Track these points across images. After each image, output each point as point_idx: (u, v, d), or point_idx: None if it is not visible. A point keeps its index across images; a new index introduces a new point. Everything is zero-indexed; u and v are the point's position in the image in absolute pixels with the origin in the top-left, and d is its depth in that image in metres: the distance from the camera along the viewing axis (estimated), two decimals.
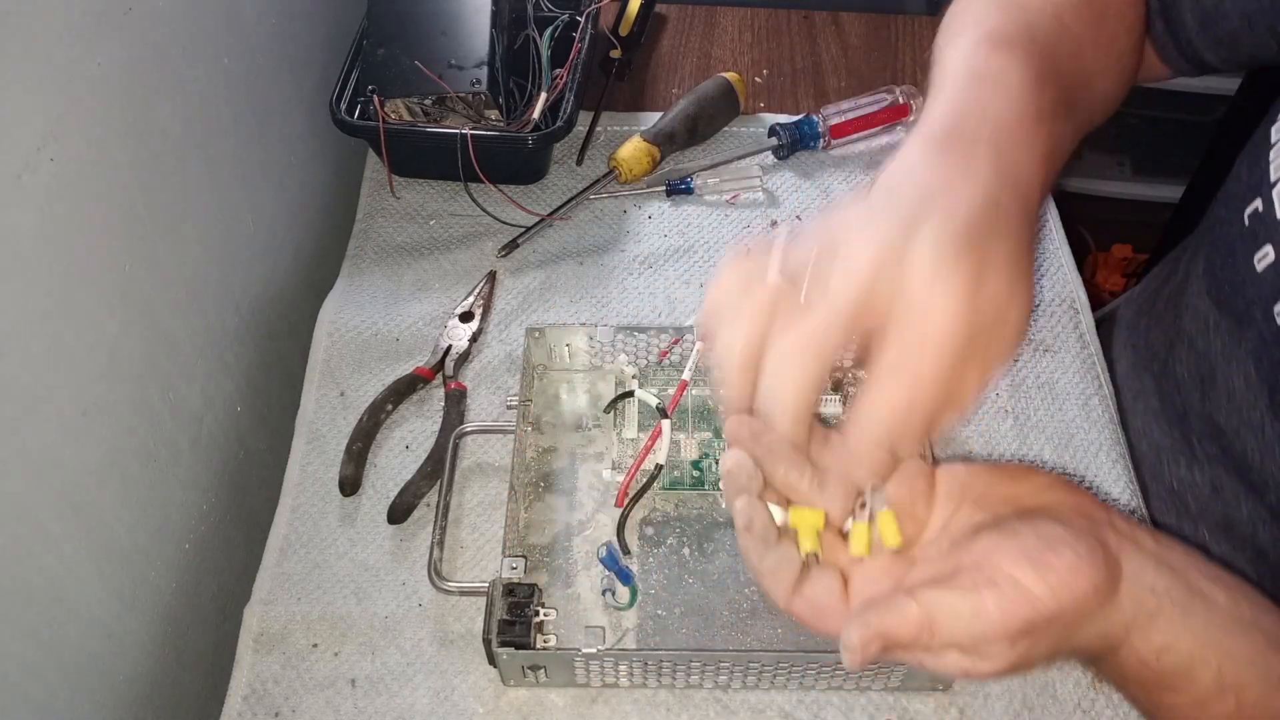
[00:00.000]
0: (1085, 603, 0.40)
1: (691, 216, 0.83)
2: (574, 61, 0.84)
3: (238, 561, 0.72)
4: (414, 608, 0.61)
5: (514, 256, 0.80)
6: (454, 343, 0.73)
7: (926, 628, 0.39)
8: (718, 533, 0.63)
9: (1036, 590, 0.39)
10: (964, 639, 0.39)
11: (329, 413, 0.70)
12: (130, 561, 0.61)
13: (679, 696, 0.58)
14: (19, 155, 0.48)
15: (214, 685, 0.62)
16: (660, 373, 0.70)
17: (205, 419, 0.69)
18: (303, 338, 0.76)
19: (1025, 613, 0.39)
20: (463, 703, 0.58)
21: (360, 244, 0.81)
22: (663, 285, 0.78)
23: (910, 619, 0.39)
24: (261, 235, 0.78)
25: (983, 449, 0.68)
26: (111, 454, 0.58)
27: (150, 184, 0.61)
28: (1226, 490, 0.62)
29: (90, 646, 0.57)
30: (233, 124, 0.72)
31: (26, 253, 0.50)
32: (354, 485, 0.66)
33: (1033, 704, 0.58)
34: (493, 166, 0.80)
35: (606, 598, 0.60)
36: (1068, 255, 0.80)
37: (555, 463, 0.67)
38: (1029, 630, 0.39)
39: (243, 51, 0.73)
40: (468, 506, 0.65)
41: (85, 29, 0.54)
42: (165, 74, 0.62)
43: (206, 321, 0.69)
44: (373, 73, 0.80)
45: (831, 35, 1.01)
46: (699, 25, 1.03)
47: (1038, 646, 0.41)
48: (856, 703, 0.58)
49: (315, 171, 0.88)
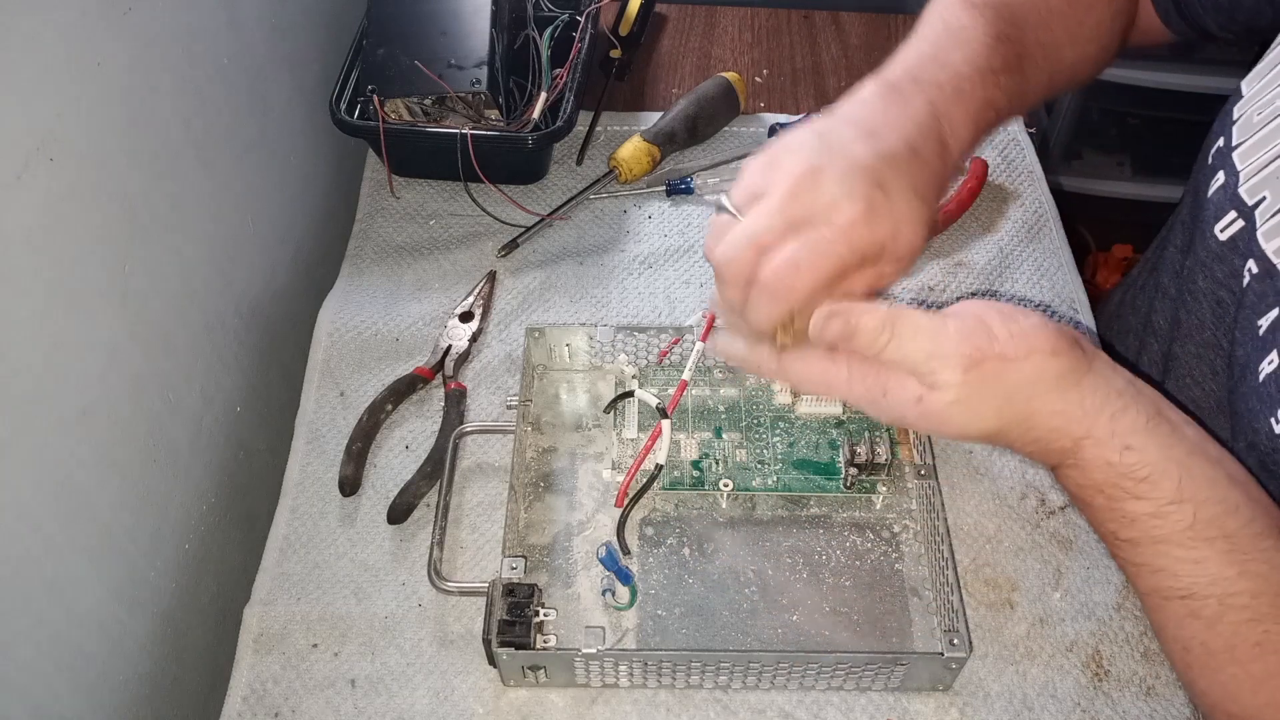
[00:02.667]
0: (1042, 361, 0.44)
1: (691, 216, 0.83)
2: (574, 61, 0.84)
3: (237, 561, 0.72)
4: (414, 608, 0.61)
5: (514, 256, 0.80)
6: (454, 343, 0.73)
7: (888, 325, 0.45)
8: (718, 533, 0.63)
9: (997, 330, 0.45)
10: (918, 353, 0.45)
11: (329, 413, 0.70)
12: (130, 561, 0.61)
13: (679, 697, 0.58)
14: (19, 155, 0.48)
15: (214, 685, 0.62)
16: (660, 373, 0.70)
17: (205, 419, 0.69)
18: (303, 338, 0.75)
19: (980, 342, 0.44)
20: (463, 703, 0.58)
21: (360, 244, 0.81)
22: (663, 285, 0.78)
23: (876, 314, 0.45)
24: (261, 235, 0.78)
25: (982, 446, 0.68)
26: (111, 454, 0.58)
27: (150, 184, 0.61)
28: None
29: (90, 646, 0.57)
30: (233, 124, 0.72)
31: (26, 253, 0.50)
32: (354, 485, 0.66)
33: (1033, 704, 0.58)
34: (493, 166, 0.80)
35: (606, 598, 0.60)
36: (1068, 255, 0.80)
37: (555, 463, 0.67)
38: (979, 361, 0.44)
39: (243, 51, 0.73)
40: (467, 507, 0.65)
41: (85, 29, 0.54)
42: (165, 74, 0.62)
43: (206, 321, 0.69)
44: (373, 73, 0.80)
45: (831, 35, 1.01)
46: (699, 25, 1.03)
47: (989, 390, 0.44)
48: (856, 703, 0.58)
49: (315, 171, 0.88)
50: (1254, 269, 0.56)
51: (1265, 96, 0.58)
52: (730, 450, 0.66)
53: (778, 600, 0.60)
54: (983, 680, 0.58)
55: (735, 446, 0.66)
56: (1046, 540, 0.64)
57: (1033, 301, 0.77)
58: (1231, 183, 0.58)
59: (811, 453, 0.66)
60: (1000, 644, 0.60)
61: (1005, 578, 0.62)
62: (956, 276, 0.78)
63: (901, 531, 0.63)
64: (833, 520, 0.64)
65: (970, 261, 0.79)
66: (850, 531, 0.63)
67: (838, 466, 0.65)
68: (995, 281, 0.78)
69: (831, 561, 0.62)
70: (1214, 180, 0.60)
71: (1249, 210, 0.56)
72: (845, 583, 0.61)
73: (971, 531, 0.64)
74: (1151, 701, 0.58)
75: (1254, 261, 0.55)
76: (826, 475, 0.65)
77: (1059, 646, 0.60)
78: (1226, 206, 0.58)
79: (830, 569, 0.62)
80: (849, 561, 0.62)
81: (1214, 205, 0.59)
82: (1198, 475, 0.46)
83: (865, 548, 0.62)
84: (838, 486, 0.64)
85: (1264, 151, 0.56)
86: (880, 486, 0.64)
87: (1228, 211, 0.58)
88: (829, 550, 0.62)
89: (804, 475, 0.65)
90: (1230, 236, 0.58)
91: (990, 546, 0.64)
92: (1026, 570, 0.63)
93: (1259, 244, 0.55)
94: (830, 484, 0.65)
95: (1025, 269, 0.79)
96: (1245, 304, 0.56)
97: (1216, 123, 0.62)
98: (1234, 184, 0.57)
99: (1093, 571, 0.62)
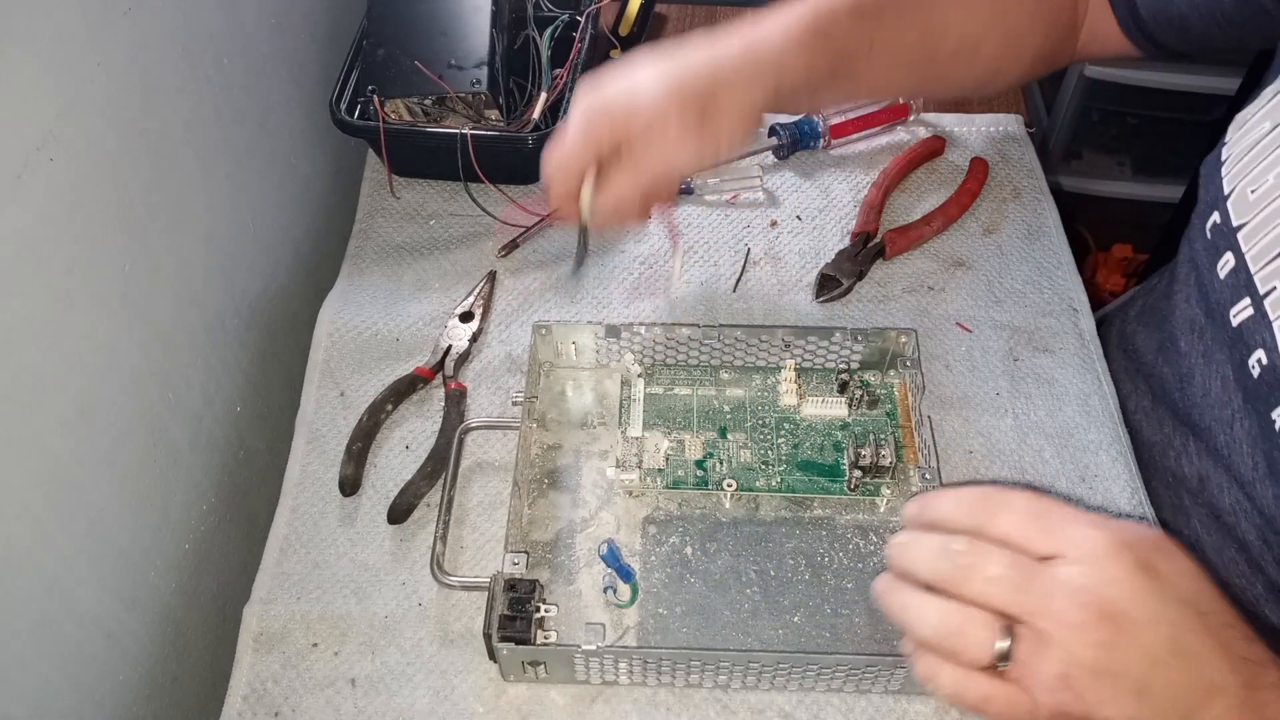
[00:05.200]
0: None
1: (691, 216, 0.83)
2: (574, 61, 0.84)
3: (237, 561, 0.72)
4: (414, 607, 0.61)
5: (514, 256, 0.80)
6: (454, 343, 0.73)
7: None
8: (721, 533, 0.63)
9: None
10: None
11: (329, 413, 0.70)
12: (130, 561, 0.61)
13: (679, 696, 0.58)
14: (19, 155, 0.48)
15: (214, 685, 0.62)
16: (666, 371, 0.70)
17: (205, 419, 0.69)
18: (303, 338, 0.75)
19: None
20: (463, 702, 0.58)
21: (360, 244, 0.81)
22: (663, 285, 0.78)
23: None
24: (261, 235, 0.78)
25: (982, 447, 0.68)
26: (111, 454, 0.58)
27: (150, 184, 0.61)
28: (1211, 481, 0.63)
29: (90, 646, 0.57)
30: (233, 124, 0.72)
31: (26, 253, 0.50)
32: (354, 485, 0.66)
33: None
34: (493, 166, 0.80)
35: (608, 595, 0.60)
36: (1068, 255, 0.80)
37: (559, 459, 0.67)
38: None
39: (243, 51, 0.73)
40: (469, 506, 0.65)
41: (85, 29, 0.54)
42: (165, 74, 0.62)
43: (206, 321, 0.69)
44: (373, 73, 0.80)
45: None
46: (699, 25, 1.03)
47: None
48: (856, 704, 0.57)
49: (315, 171, 0.88)
50: (1264, 360, 0.56)
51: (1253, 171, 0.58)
52: (735, 450, 0.66)
53: (779, 601, 0.60)
54: None
55: (740, 447, 0.66)
56: None
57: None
58: (1242, 267, 0.58)
59: (816, 454, 0.66)
60: None
61: None
62: (956, 276, 0.78)
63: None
64: (836, 522, 0.64)
65: (970, 261, 0.79)
66: (853, 534, 0.63)
67: (842, 469, 0.65)
68: (995, 281, 0.78)
69: (834, 563, 0.62)
70: (1222, 261, 0.60)
71: (1260, 299, 0.57)
72: (847, 585, 0.61)
73: None
74: None
75: (1264, 352, 0.56)
76: (830, 477, 0.65)
77: None
78: (1242, 292, 0.58)
79: (832, 571, 0.62)
80: (851, 564, 0.62)
81: (1228, 289, 0.59)
82: None
83: (868, 550, 0.62)
84: (841, 489, 0.64)
85: (1267, 234, 0.56)
86: (884, 489, 0.64)
87: (1242, 297, 0.58)
88: (831, 552, 0.62)
89: (808, 477, 0.65)
90: (1241, 322, 0.58)
91: None
92: None
93: (1274, 335, 0.55)
94: (834, 486, 0.64)
95: (1025, 269, 0.79)
96: (1253, 393, 0.57)
97: (1203, 187, 0.63)
98: (1245, 269, 0.58)
99: None
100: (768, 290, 0.78)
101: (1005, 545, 0.40)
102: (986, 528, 0.41)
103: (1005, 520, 0.41)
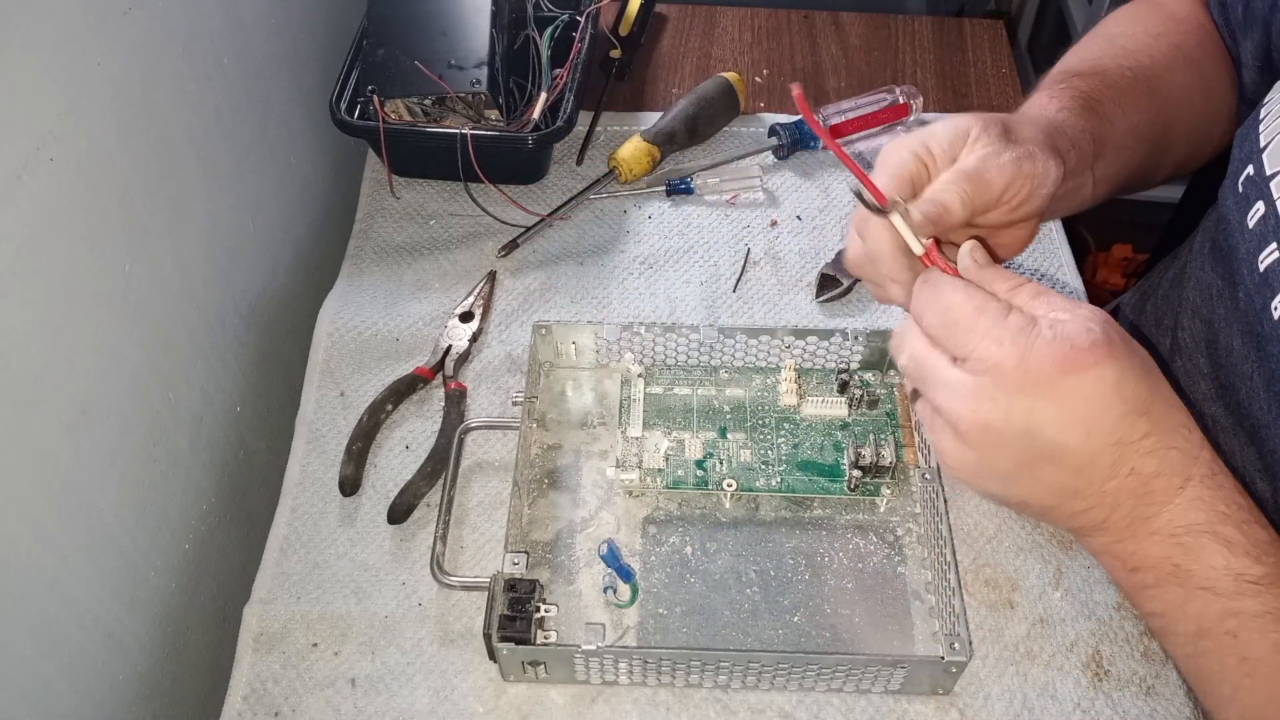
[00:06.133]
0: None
1: (691, 216, 0.83)
2: (574, 61, 0.84)
3: (237, 561, 0.72)
4: (414, 607, 0.61)
5: (514, 256, 0.80)
6: (454, 343, 0.73)
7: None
8: (721, 533, 0.63)
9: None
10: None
11: (329, 413, 0.70)
12: (130, 561, 0.61)
13: (679, 696, 0.58)
14: (19, 155, 0.48)
15: (214, 685, 0.62)
16: (666, 372, 0.70)
17: (205, 419, 0.69)
18: (303, 338, 0.75)
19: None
20: (463, 702, 0.58)
21: (360, 244, 0.81)
22: (663, 285, 0.78)
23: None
24: (261, 235, 0.78)
25: None
26: (111, 454, 0.58)
27: (150, 184, 0.61)
28: (1225, 447, 0.63)
29: (90, 646, 0.57)
30: (233, 124, 0.72)
31: (26, 253, 0.50)
32: (354, 485, 0.66)
33: (1033, 705, 0.57)
34: (493, 166, 0.80)
35: (608, 595, 0.60)
36: (1068, 255, 0.80)
37: (560, 459, 0.67)
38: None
39: (243, 51, 0.73)
40: (469, 506, 0.65)
41: (85, 29, 0.54)
42: (165, 74, 0.62)
43: (206, 321, 0.69)
44: (373, 73, 0.80)
45: (831, 35, 1.01)
46: (699, 25, 1.03)
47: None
48: (856, 704, 0.58)
49: (315, 171, 0.88)
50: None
51: None
52: (735, 450, 0.66)
53: (779, 601, 0.60)
54: (983, 681, 0.58)
55: (740, 447, 0.66)
56: (1046, 540, 0.64)
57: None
58: (1271, 213, 0.58)
59: (816, 454, 0.66)
60: (1000, 644, 0.60)
61: (1005, 578, 0.62)
62: None
63: (904, 535, 0.63)
64: (836, 522, 0.64)
65: None
66: (853, 534, 0.63)
67: (842, 469, 0.65)
68: None
69: (834, 563, 0.62)
70: (1252, 211, 0.60)
71: None
72: (847, 584, 0.61)
73: (971, 531, 0.64)
74: (1151, 701, 0.58)
75: None
76: (830, 477, 0.65)
77: (1059, 647, 0.60)
78: (1269, 238, 0.58)
79: (832, 571, 0.62)
80: (851, 564, 0.62)
81: (1256, 236, 0.60)
82: None
83: (868, 550, 0.62)
84: (841, 489, 0.64)
85: None
86: (884, 489, 0.64)
87: (1269, 243, 0.58)
88: (831, 552, 0.62)
89: (808, 477, 0.65)
90: (1268, 266, 0.58)
91: (990, 546, 0.64)
92: (1027, 570, 0.63)
93: None
94: (834, 486, 0.64)
95: (1025, 269, 0.79)
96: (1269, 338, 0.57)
97: (1237, 147, 0.63)
98: (1274, 214, 0.58)
99: (1093, 571, 0.62)
100: (768, 290, 0.78)
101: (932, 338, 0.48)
102: (920, 319, 0.49)
103: (927, 320, 0.48)
